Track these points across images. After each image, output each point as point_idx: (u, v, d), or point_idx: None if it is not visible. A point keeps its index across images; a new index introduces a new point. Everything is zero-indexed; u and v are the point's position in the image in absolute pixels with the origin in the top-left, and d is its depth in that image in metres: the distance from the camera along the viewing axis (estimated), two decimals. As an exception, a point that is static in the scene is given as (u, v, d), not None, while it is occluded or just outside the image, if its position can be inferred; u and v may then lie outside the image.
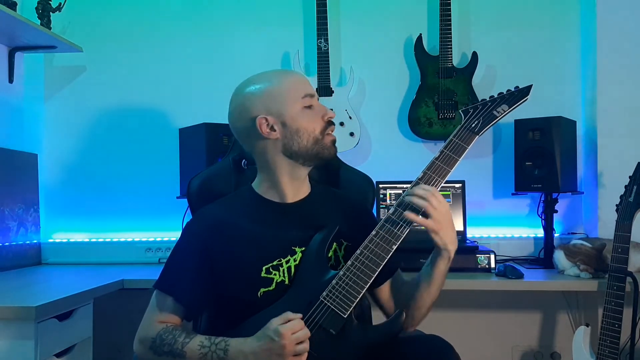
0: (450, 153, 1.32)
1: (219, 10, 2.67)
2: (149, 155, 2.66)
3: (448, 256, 1.31)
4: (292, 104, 1.34)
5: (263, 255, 1.32)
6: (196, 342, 1.25)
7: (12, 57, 2.52)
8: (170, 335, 1.28)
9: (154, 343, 1.29)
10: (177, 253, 1.37)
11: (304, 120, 1.34)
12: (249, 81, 1.41)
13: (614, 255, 1.86)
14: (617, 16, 2.37)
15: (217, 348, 1.23)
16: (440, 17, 2.45)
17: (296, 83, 1.37)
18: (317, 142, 1.34)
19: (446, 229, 1.28)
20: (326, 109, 1.38)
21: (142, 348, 1.31)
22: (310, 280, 1.30)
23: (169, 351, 1.26)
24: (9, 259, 2.38)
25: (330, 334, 1.24)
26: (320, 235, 1.34)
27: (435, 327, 1.68)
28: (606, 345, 1.85)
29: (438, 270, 1.33)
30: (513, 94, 1.38)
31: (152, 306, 1.35)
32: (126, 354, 2.39)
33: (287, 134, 1.33)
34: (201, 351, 1.24)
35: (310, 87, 1.39)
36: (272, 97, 1.34)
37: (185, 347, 1.25)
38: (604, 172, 2.34)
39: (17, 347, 1.57)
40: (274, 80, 1.37)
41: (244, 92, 1.38)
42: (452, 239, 1.30)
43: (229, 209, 1.39)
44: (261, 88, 1.36)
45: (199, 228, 1.37)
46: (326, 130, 1.36)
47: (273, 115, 1.33)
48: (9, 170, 2.42)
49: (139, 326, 1.34)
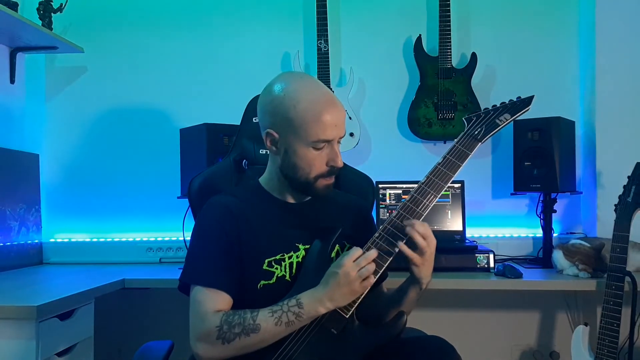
0: (453, 159, 1.35)
1: (219, 11, 2.68)
2: (150, 155, 2.67)
3: (420, 287, 1.34)
4: (301, 142, 1.29)
5: (266, 248, 1.33)
6: (265, 312, 1.23)
7: (13, 58, 2.53)
8: (235, 316, 1.23)
9: (221, 330, 1.22)
10: (200, 242, 1.34)
11: (305, 160, 1.30)
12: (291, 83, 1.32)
13: (613, 255, 1.86)
14: (616, 16, 2.38)
15: (290, 306, 1.22)
16: (440, 18, 2.46)
17: (320, 124, 1.27)
18: (308, 183, 1.33)
19: (427, 265, 1.32)
20: (336, 155, 1.31)
21: (207, 345, 1.23)
22: (313, 279, 1.29)
23: (242, 331, 1.21)
24: (10, 258, 2.39)
25: (332, 334, 1.25)
26: (324, 236, 1.35)
27: (435, 326, 1.69)
28: (605, 345, 1.86)
29: (408, 297, 1.36)
30: (515, 103, 1.42)
31: (198, 302, 1.27)
32: (127, 353, 2.40)
33: (285, 159, 1.33)
34: (274, 316, 1.22)
35: (333, 131, 1.29)
36: (288, 121, 1.29)
37: (256, 320, 1.22)
38: (603, 172, 2.35)
39: (18, 346, 1.58)
40: (304, 105, 1.28)
41: (277, 93, 1.31)
42: (429, 274, 1.34)
43: (238, 200, 1.38)
44: (287, 105, 1.29)
45: (215, 215, 1.35)
46: (324, 176, 1.33)
47: (280, 136, 1.31)
48: (10, 170, 2.43)
49: (191, 328, 1.26)
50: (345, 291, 1.22)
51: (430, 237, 1.29)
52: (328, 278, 1.23)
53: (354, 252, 1.24)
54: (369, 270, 1.23)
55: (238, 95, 1.91)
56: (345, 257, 1.23)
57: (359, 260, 1.23)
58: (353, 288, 1.22)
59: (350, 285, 1.21)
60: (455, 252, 2.12)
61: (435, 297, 2.37)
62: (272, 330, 1.22)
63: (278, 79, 1.35)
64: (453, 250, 2.13)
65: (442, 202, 2.32)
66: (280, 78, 1.35)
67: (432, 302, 2.41)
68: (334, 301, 1.23)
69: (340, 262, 1.22)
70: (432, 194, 1.32)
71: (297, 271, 1.33)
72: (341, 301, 1.23)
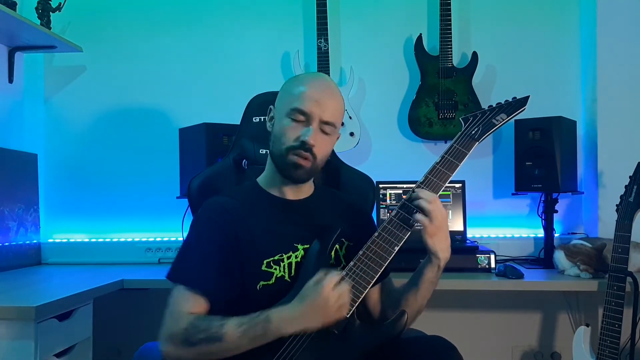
0: (451, 158, 1.36)
1: (219, 10, 2.67)
2: (149, 155, 2.66)
3: (438, 264, 1.32)
4: (282, 110, 1.36)
5: (265, 249, 1.32)
6: (233, 322, 1.20)
7: (12, 57, 2.52)
8: (203, 321, 1.22)
9: (187, 332, 1.21)
10: (192, 243, 1.35)
11: (280, 129, 1.35)
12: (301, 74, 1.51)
13: (614, 255, 1.86)
14: (617, 16, 2.37)
15: (258, 321, 1.19)
16: (440, 17, 2.45)
17: (302, 94, 1.33)
18: (281, 155, 1.34)
19: (441, 236, 1.31)
20: (310, 133, 1.31)
21: (172, 345, 1.24)
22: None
23: (205, 337, 1.19)
24: (8, 259, 2.38)
25: (333, 334, 1.24)
26: (324, 236, 1.34)
27: (436, 327, 1.69)
28: (606, 345, 1.85)
29: (426, 277, 1.34)
30: (511, 103, 1.45)
31: (175, 301, 1.28)
32: (126, 354, 2.40)
33: (271, 135, 1.38)
34: (240, 329, 1.18)
35: (312, 105, 1.31)
36: (282, 93, 1.40)
37: (222, 329, 1.19)
38: (604, 172, 2.34)
39: (17, 347, 1.57)
40: (299, 80, 1.40)
41: (287, 80, 1.45)
42: (444, 247, 1.32)
43: (235, 200, 1.38)
44: (289, 82, 1.41)
45: (211, 216, 1.35)
46: (295, 150, 1.32)
47: (275, 108, 1.40)
48: (8, 170, 2.42)
49: (164, 325, 1.26)
50: (320, 316, 1.18)
51: (437, 203, 1.30)
52: (305, 299, 1.19)
53: (334, 277, 1.19)
54: (346, 299, 1.20)
55: (238, 94, 1.91)
56: (324, 281, 1.18)
57: (340, 288, 1.19)
58: (328, 314, 1.18)
59: (327, 311, 1.18)
60: (456, 252, 2.06)
61: (436, 298, 2.32)
62: (236, 342, 1.19)
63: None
64: (454, 251, 2.06)
65: (443, 202, 2.24)
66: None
67: (433, 302, 2.36)
68: (306, 323, 1.19)
69: (319, 286, 1.18)
70: None
71: (296, 271, 1.32)
72: (312, 325, 1.19)
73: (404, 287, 1.40)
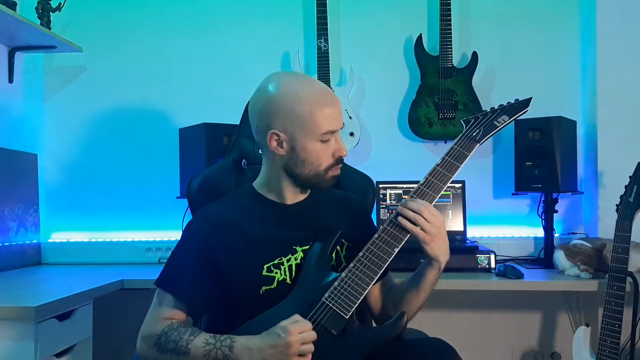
0: (451, 160, 1.36)
1: (219, 10, 2.67)
2: (149, 155, 2.66)
3: (438, 267, 1.32)
4: (309, 136, 1.29)
5: (264, 254, 1.33)
6: (201, 340, 1.23)
7: (12, 57, 2.52)
8: (175, 332, 1.26)
9: (159, 340, 1.26)
10: (178, 251, 1.37)
11: (314, 154, 1.31)
12: (286, 80, 1.33)
13: (614, 255, 1.86)
14: (618, 15, 2.37)
15: (223, 345, 1.22)
16: (441, 17, 2.45)
17: (325, 115, 1.29)
18: (318, 175, 1.34)
19: (438, 241, 1.29)
20: (341, 145, 1.34)
21: (145, 346, 1.29)
22: (312, 281, 1.30)
23: (174, 348, 1.24)
24: (8, 259, 2.38)
25: (332, 335, 1.24)
26: (323, 238, 1.34)
27: (436, 326, 1.69)
28: (606, 345, 1.85)
29: (427, 279, 1.34)
30: (513, 105, 1.44)
31: (154, 304, 1.34)
32: (126, 354, 2.39)
33: (293, 157, 1.32)
34: (206, 348, 1.22)
35: (337, 122, 1.32)
36: (294, 117, 1.28)
37: (190, 344, 1.23)
38: (604, 172, 2.34)
39: (17, 347, 1.57)
40: (306, 99, 1.29)
41: (275, 91, 1.30)
42: (444, 251, 1.31)
43: (229, 208, 1.39)
44: (290, 101, 1.28)
45: (200, 227, 1.36)
46: (333, 167, 1.34)
47: (287, 135, 1.30)
48: (8, 170, 2.42)
49: (143, 324, 1.32)
50: (278, 358, 1.18)
51: (426, 211, 1.27)
52: (270, 336, 1.19)
53: (304, 325, 1.20)
54: (310, 349, 1.19)
55: (237, 94, 1.90)
56: (294, 325, 1.18)
57: (305, 334, 1.19)
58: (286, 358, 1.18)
59: (286, 356, 1.18)
60: (456, 252, 2.07)
61: (436, 298, 2.33)
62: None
63: (268, 80, 1.34)
64: (454, 251, 2.05)
65: (443, 202, 2.31)
66: (270, 79, 1.34)
67: (433, 302, 2.37)
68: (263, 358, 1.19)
69: (288, 328, 1.18)
70: (431, 195, 1.32)
71: (297, 273, 1.32)
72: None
73: (404, 286, 1.41)
